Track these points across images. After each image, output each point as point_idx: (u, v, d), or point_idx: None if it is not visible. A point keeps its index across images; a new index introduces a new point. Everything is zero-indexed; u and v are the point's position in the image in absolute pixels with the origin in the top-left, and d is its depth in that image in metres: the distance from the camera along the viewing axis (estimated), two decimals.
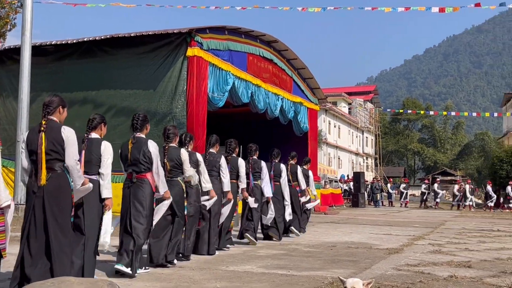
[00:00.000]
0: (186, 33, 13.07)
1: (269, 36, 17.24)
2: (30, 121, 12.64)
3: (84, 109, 13.28)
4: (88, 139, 5.45)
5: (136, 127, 6.23)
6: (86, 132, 5.52)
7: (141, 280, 5.54)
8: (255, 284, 5.37)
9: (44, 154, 4.65)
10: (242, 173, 8.68)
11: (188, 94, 12.95)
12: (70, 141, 4.77)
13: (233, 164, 8.55)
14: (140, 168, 6.03)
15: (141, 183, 6.02)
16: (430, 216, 20.03)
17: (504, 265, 6.88)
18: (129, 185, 6.06)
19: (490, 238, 11.03)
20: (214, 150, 8.22)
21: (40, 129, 4.71)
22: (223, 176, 8.03)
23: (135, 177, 6.01)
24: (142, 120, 6.26)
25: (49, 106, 4.85)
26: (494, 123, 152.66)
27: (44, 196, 4.65)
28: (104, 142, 5.49)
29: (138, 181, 6.02)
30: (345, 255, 7.85)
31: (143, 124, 6.26)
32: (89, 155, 5.33)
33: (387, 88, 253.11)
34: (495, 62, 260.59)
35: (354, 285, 3.61)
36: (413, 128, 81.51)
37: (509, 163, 31.72)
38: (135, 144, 6.11)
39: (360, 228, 13.29)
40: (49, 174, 4.67)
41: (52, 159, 4.70)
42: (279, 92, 17.86)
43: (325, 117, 47.64)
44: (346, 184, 35.76)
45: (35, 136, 4.74)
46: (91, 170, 5.31)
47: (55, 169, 4.71)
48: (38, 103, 13.88)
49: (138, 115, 6.32)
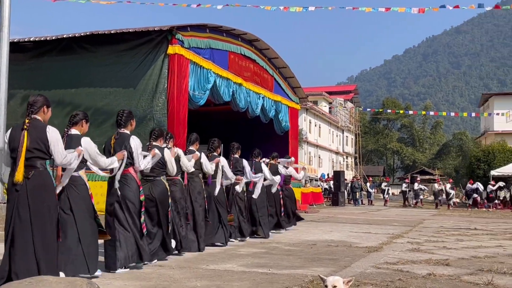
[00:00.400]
0: (167, 31, 12.99)
1: (251, 35, 17.23)
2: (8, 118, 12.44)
3: (63, 107, 13.11)
4: (67, 135, 5.43)
5: (120, 123, 6.27)
6: (67, 128, 5.50)
7: (120, 279, 5.50)
8: (236, 283, 5.37)
9: (25, 152, 4.65)
10: (227, 171, 8.84)
11: (169, 92, 12.87)
12: (55, 140, 4.79)
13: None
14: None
15: (125, 179, 6.06)
16: (408, 215, 20.24)
17: (481, 263, 6.98)
18: (114, 181, 6.06)
19: (467, 236, 11.19)
20: (194, 148, 8.31)
21: (23, 127, 4.71)
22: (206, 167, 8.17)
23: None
24: (127, 116, 6.31)
25: (33, 106, 4.88)
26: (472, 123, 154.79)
27: (27, 193, 4.65)
28: (84, 138, 5.48)
29: (122, 177, 6.05)
30: (325, 253, 7.89)
31: (127, 120, 6.30)
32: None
33: (367, 87, 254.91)
34: (473, 63, 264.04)
35: (334, 283, 3.63)
36: (392, 128, 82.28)
37: (486, 163, 32.28)
38: (118, 140, 6.14)
39: (340, 226, 13.37)
40: (32, 172, 4.67)
41: (33, 157, 4.69)
42: (260, 91, 17.86)
43: (306, 116, 47.80)
44: (326, 183, 35.94)
45: (17, 134, 4.74)
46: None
47: (37, 166, 4.71)
48: (15, 100, 13.67)
49: (123, 111, 6.36)
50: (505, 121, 43.07)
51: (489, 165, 31.74)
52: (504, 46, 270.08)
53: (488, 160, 32.44)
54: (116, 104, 13.13)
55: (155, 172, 6.82)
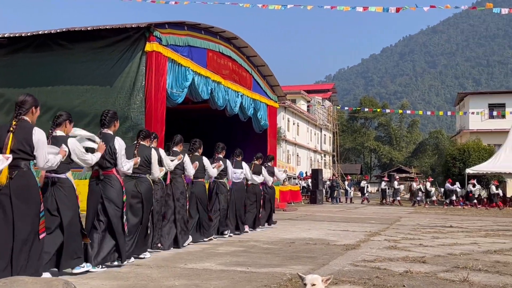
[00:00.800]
0: (145, 28, 12.89)
1: (229, 33, 17.20)
2: None
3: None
4: (52, 136, 5.47)
5: (104, 123, 6.27)
6: (51, 129, 5.53)
7: (98, 279, 5.44)
8: (214, 282, 5.35)
9: (9, 153, 4.64)
10: (209, 169, 9.14)
11: (147, 90, 12.78)
12: (40, 144, 4.81)
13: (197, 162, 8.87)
14: (105, 164, 6.07)
15: (109, 179, 6.08)
16: (385, 213, 20.44)
17: (457, 260, 7.07)
18: (96, 182, 6.04)
19: (443, 234, 11.33)
20: (178, 149, 8.49)
21: (9, 129, 4.71)
22: (189, 173, 8.38)
23: (101, 174, 6.05)
24: (111, 116, 6.32)
25: (22, 107, 4.88)
26: (448, 122, 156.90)
27: (11, 193, 4.65)
28: (70, 139, 5.53)
29: (105, 178, 6.07)
30: (303, 251, 7.91)
31: (111, 120, 6.31)
32: None
33: (345, 86, 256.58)
34: (449, 62, 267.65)
35: (313, 281, 3.63)
36: (369, 126, 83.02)
37: (461, 161, 32.74)
38: (101, 139, 6.10)
39: (318, 224, 13.43)
40: (15, 172, 4.68)
41: (18, 158, 4.70)
42: (238, 89, 17.85)
43: (284, 114, 47.92)
44: (304, 181, 36.10)
45: (3, 134, 4.74)
46: (59, 168, 5.30)
47: (20, 166, 4.73)
48: None
49: (108, 112, 6.39)
50: (480, 120, 43.77)
51: (464, 163, 32.20)
52: (479, 46, 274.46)
53: (464, 159, 32.92)
54: (93, 102, 13.00)
55: (141, 170, 6.93)
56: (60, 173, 5.40)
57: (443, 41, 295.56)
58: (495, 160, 30.01)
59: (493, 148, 35.02)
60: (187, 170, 8.36)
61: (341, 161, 64.77)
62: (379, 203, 30.82)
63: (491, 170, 29.62)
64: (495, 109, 42.44)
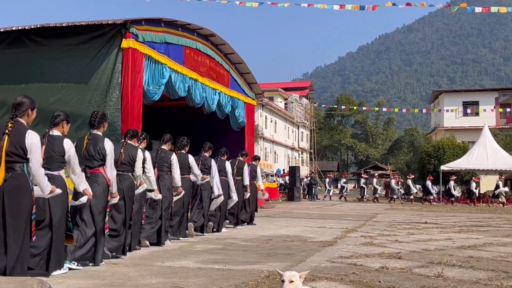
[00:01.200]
0: (121, 25, 12.74)
1: (206, 30, 17.12)
2: None
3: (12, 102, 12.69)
4: (49, 135, 5.59)
5: (94, 124, 6.48)
6: (48, 128, 5.67)
7: (73, 278, 5.39)
8: (192, 280, 5.34)
9: (4, 156, 4.72)
10: (194, 168, 9.33)
11: (123, 87, 12.64)
12: (33, 147, 4.88)
13: (183, 160, 9.08)
14: (94, 163, 6.25)
15: (95, 177, 6.22)
16: (362, 209, 20.63)
17: (432, 256, 7.18)
18: None
19: (418, 230, 11.49)
20: (166, 148, 8.74)
21: (5, 131, 4.79)
22: (174, 173, 8.57)
23: (89, 172, 6.20)
24: (100, 118, 6.55)
25: (18, 109, 4.97)
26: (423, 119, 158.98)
27: (4, 195, 4.73)
28: (66, 140, 5.63)
29: (92, 176, 6.20)
30: (281, 248, 7.95)
31: (101, 122, 6.53)
32: (50, 151, 5.48)
33: (322, 84, 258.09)
34: (424, 61, 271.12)
35: (291, 277, 3.67)
36: (346, 124, 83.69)
37: (436, 158, 33.18)
38: (91, 140, 6.33)
39: (296, 221, 13.50)
40: (9, 174, 4.76)
41: (11, 161, 4.78)
42: (216, 87, 17.78)
43: (262, 112, 47.98)
44: (282, 178, 36.21)
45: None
46: (52, 166, 5.45)
47: (15, 169, 4.81)
48: None
49: (97, 113, 6.63)
50: (454, 117, 44.43)
51: (439, 160, 32.63)
52: (454, 45, 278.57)
53: (438, 155, 33.36)
54: (68, 99, 12.82)
55: (124, 168, 6.99)
56: (53, 170, 5.47)
57: (418, 39, 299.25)
58: (469, 157, 30.48)
59: (467, 145, 35.56)
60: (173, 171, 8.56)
61: (318, 158, 65.13)
62: (355, 200, 31.07)
63: (465, 167, 30.08)
64: (469, 107, 43.18)
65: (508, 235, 10.53)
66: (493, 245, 8.69)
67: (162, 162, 8.47)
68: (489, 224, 13.70)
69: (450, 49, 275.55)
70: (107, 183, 6.29)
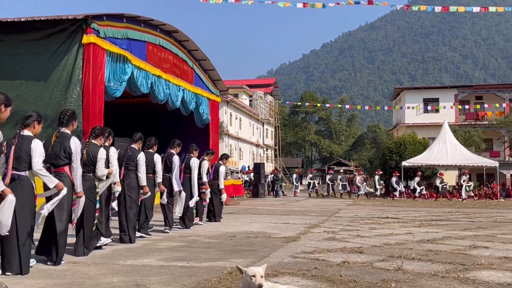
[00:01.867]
0: (82, 20, 12.54)
1: (170, 26, 16.99)
2: None
3: None
4: (19, 136, 5.56)
5: (62, 122, 6.38)
6: (19, 129, 5.63)
7: (32, 278, 5.28)
8: (154, 277, 5.30)
9: None
10: (157, 168, 9.24)
11: (84, 84, 12.45)
12: None
13: (149, 159, 9.06)
14: (59, 162, 6.17)
15: (60, 177, 6.10)
16: (325, 205, 20.84)
17: (392, 250, 7.32)
18: None
19: (380, 224, 11.69)
20: (136, 146, 8.69)
21: None
22: (139, 172, 8.48)
23: (53, 171, 6.12)
24: (69, 116, 6.43)
25: None
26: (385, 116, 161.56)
27: None
28: (34, 140, 5.58)
29: (57, 175, 6.10)
30: (244, 244, 7.97)
31: (70, 120, 6.42)
32: (19, 151, 5.45)
33: (286, 81, 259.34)
34: (386, 58, 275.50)
35: (261, 273, 3.70)
36: (310, 120, 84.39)
37: (398, 154, 33.77)
38: (59, 138, 6.25)
39: (260, 218, 13.54)
40: None
41: None
42: (180, 83, 17.68)
43: (227, 109, 47.91)
44: (247, 175, 36.27)
45: None
46: (20, 166, 5.44)
47: None
48: None
49: (67, 111, 6.50)
50: (415, 114, 45.31)
51: (400, 156, 33.22)
52: (415, 43, 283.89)
53: (400, 152, 33.96)
54: (28, 96, 12.55)
55: (86, 168, 6.88)
56: (20, 171, 5.45)
57: (380, 37, 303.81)
58: (429, 152, 31.15)
59: (427, 141, 36.32)
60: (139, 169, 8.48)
61: (283, 155, 65.51)
62: (321, 196, 31.36)
63: (425, 162, 30.74)
64: (429, 104, 44.03)
65: (466, 228, 10.83)
66: (451, 238, 8.91)
67: (129, 161, 8.44)
68: (448, 218, 14.04)
69: (411, 47, 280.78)
70: (71, 182, 6.21)
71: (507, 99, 44.80)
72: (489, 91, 46.83)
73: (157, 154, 9.37)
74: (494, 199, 29.61)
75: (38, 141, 5.63)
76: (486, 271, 5.72)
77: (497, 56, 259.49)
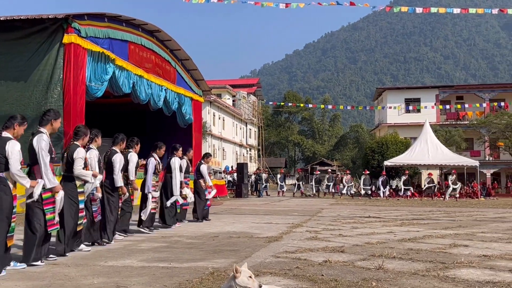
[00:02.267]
0: (63, 19, 12.41)
1: (152, 26, 16.90)
2: None
3: None
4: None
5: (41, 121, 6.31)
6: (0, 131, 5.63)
7: (11, 280, 5.21)
8: (135, 278, 5.27)
9: None
10: (130, 167, 9.15)
11: (65, 83, 12.32)
12: None
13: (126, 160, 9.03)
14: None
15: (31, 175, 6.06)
16: (308, 205, 20.91)
17: (374, 249, 7.37)
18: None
19: (362, 224, 11.76)
20: (118, 148, 8.72)
21: None
22: (114, 173, 8.44)
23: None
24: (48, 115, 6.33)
25: None
26: (367, 116, 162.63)
27: None
28: (10, 141, 5.53)
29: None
30: (227, 245, 7.96)
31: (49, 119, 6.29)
32: None
33: (269, 81, 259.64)
34: (369, 59, 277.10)
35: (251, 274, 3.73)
36: (293, 121, 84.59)
37: (380, 153, 34.05)
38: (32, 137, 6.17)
39: (243, 218, 13.54)
40: None
41: None
42: (162, 83, 17.58)
43: (210, 109, 47.81)
44: (230, 175, 36.22)
45: None
46: None
47: None
48: None
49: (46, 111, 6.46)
50: (397, 114, 45.68)
51: (382, 155, 33.50)
52: (397, 43, 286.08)
53: (382, 151, 34.25)
54: (7, 96, 12.39)
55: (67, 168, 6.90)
56: None
57: (363, 37, 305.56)
58: (411, 152, 31.44)
59: (409, 141, 36.67)
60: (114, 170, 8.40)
61: (266, 155, 65.53)
62: (305, 196, 31.46)
63: (407, 162, 31.02)
64: (411, 104, 44.46)
65: (447, 227, 10.94)
66: (432, 237, 9.00)
67: (110, 163, 8.45)
68: (429, 217, 14.18)
69: (393, 47, 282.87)
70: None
71: (487, 99, 45.39)
72: (469, 91, 47.40)
73: (134, 154, 9.33)
74: (475, 198, 30.00)
75: (13, 142, 5.55)
76: (466, 269, 5.79)
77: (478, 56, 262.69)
